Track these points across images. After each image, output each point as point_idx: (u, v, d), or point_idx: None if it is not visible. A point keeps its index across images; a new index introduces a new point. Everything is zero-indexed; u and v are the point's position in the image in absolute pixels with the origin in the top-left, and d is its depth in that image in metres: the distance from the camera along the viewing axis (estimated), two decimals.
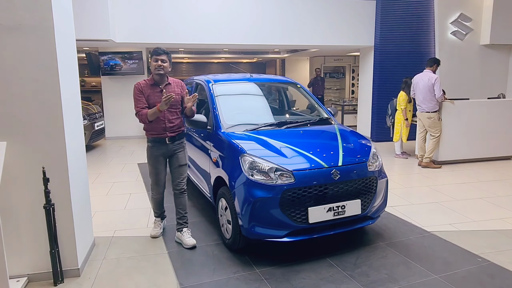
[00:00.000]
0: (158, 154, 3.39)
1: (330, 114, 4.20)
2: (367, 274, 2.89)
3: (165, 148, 3.38)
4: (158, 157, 3.40)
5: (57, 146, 2.69)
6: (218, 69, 16.44)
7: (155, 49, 3.31)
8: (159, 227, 3.66)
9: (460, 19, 7.68)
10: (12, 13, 2.49)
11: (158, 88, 3.33)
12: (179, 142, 3.45)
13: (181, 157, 3.46)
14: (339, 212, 3.02)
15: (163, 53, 3.29)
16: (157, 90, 3.32)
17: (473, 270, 2.95)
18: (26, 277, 2.75)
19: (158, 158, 3.41)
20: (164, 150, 3.38)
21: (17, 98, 2.57)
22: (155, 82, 3.33)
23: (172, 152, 3.41)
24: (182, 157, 3.47)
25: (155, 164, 3.42)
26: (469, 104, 6.46)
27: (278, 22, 8.06)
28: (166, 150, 3.38)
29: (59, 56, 2.64)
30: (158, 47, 3.31)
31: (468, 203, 4.50)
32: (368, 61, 8.98)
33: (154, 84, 3.34)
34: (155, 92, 3.31)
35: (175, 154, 3.43)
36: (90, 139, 7.45)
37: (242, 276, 2.88)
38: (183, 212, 3.49)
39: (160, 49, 3.30)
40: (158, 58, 3.27)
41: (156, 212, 3.68)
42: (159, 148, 3.37)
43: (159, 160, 3.42)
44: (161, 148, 3.37)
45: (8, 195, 2.62)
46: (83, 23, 6.58)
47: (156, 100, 3.28)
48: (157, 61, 3.27)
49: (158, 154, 3.39)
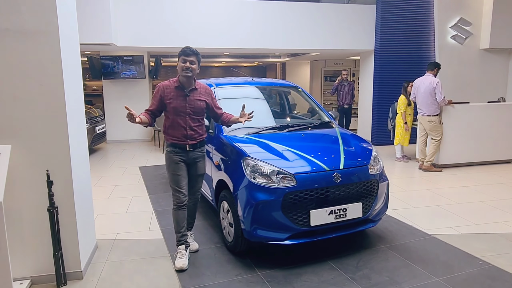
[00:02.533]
0: (178, 159, 3.10)
1: (331, 117, 4.22)
2: (368, 277, 2.90)
3: (185, 155, 3.12)
4: (178, 163, 3.10)
5: (61, 149, 2.71)
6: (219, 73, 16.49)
7: (184, 49, 3.03)
8: (184, 257, 3.09)
9: (460, 23, 7.73)
10: (17, 18, 2.52)
11: (182, 92, 3.06)
12: (200, 150, 3.20)
13: (201, 167, 3.23)
14: (340, 215, 3.03)
15: (192, 53, 3.01)
16: (181, 94, 3.05)
17: (474, 273, 2.96)
18: (29, 280, 2.76)
19: (178, 164, 3.10)
20: (184, 157, 3.12)
21: (22, 101, 2.60)
22: (180, 85, 3.06)
23: (193, 160, 3.16)
24: (202, 166, 3.24)
25: (176, 170, 3.10)
26: (469, 108, 6.48)
27: (279, 26, 8.11)
28: (186, 157, 3.12)
29: (64, 60, 2.67)
30: (187, 47, 3.04)
31: (469, 207, 4.51)
32: (369, 65, 9.02)
33: (179, 87, 3.06)
34: (178, 95, 3.05)
35: (196, 162, 3.18)
36: (91, 142, 7.47)
37: (244, 278, 2.89)
38: (189, 219, 3.34)
39: (189, 48, 3.02)
40: (187, 59, 3.00)
41: (177, 231, 3.16)
42: (179, 154, 3.10)
43: (180, 166, 3.11)
44: (181, 154, 3.11)
45: (13, 197, 2.63)
46: (85, 27, 6.61)
47: (179, 104, 3.03)
48: (185, 62, 2.99)
49: (178, 159, 3.10)
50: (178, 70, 3.06)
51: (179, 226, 3.16)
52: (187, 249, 3.19)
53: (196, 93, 3.11)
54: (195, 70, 3.04)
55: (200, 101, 3.11)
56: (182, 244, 3.17)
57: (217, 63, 15.31)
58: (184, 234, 3.20)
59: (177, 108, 3.03)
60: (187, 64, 3.00)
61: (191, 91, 3.09)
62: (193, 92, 3.09)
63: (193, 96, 3.08)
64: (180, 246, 3.15)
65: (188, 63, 3.00)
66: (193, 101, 3.08)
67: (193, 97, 3.08)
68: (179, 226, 3.16)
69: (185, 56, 3.01)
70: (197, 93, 3.12)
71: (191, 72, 3.02)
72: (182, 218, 3.15)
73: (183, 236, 3.19)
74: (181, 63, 3.01)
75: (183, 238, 3.18)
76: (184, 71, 3.00)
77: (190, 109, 3.07)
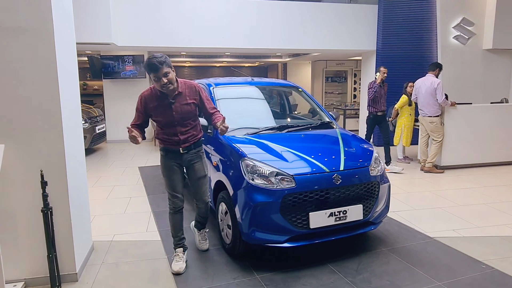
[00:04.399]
0: (172, 163, 2.98)
1: (331, 118, 4.16)
2: (369, 280, 2.84)
3: (179, 158, 2.97)
4: (172, 167, 2.98)
5: (56, 149, 2.66)
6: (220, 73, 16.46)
7: (149, 63, 2.66)
8: (181, 260, 3.02)
9: (463, 23, 7.67)
10: (11, 15, 2.47)
11: (166, 100, 2.82)
12: (195, 152, 3.02)
13: (199, 168, 3.04)
14: (340, 217, 2.98)
15: (160, 66, 2.65)
16: (165, 103, 2.83)
17: (477, 277, 2.90)
18: (23, 282, 2.71)
19: (172, 168, 2.98)
20: (178, 160, 2.98)
21: (16, 100, 2.55)
22: (162, 93, 2.84)
23: (188, 163, 3.00)
24: (200, 168, 3.04)
25: (170, 174, 2.98)
26: (472, 109, 6.42)
27: (280, 26, 8.06)
28: (181, 160, 2.98)
29: (59, 58, 2.62)
30: (152, 59, 2.66)
31: (471, 209, 4.45)
32: (370, 65, 8.96)
33: (162, 95, 2.82)
34: (162, 105, 2.83)
35: (192, 165, 3.02)
36: (91, 142, 7.44)
37: (242, 282, 2.84)
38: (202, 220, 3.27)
39: (154, 62, 2.64)
40: (159, 75, 2.68)
41: (174, 236, 3.11)
42: (173, 157, 2.97)
43: (174, 170, 2.98)
44: (175, 157, 2.97)
45: (6, 198, 2.59)
46: (85, 27, 6.59)
47: (164, 115, 2.84)
48: (159, 79, 2.69)
49: (172, 163, 2.98)
50: (156, 87, 2.79)
51: (175, 230, 3.10)
52: (184, 252, 3.12)
53: (182, 97, 2.86)
54: (172, 79, 2.75)
55: (187, 105, 2.88)
56: (180, 247, 3.10)
57: (218, 63, 15.28)
58: (182, 238, 3.14)
59: (164, 120, 2.85)
60: (162, 80, 2.69)
61: (176, 97, 2.84)
62: (178, 98, 2.85)
63: (178, 102, 2.84)
64: (177, 249, 3.08)
65: (163, 78, 2.69)
66: (179, 107, 2.85)
67: (179, 103, 2.85)
68: (175, 230, 3.10)
69: (155, 73, 2.67)
70: (183, 97, 2.86)
71: (171, 84, 2.75)
72: (179, 221, 3.09)
73: (181, 240, 3.13)
74: (155, 80, 2.71)
75: (181, 241, 3.12)
76: (164, 87, 2.73)
77: (178, 117, 2.86)
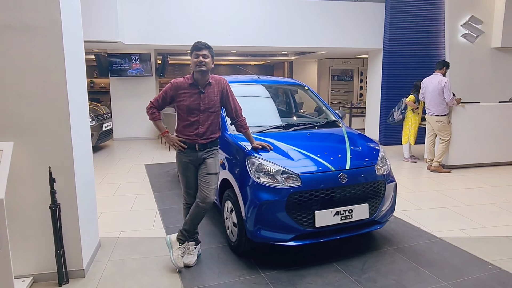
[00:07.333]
0: (187, 161, 3.03)
1: (338, 116, 4.15)
2: (374, 279, 2.84)
3: (194, 155, 3.01)
4: (187, 164, 3.04)
5: (64, 147, 2.69)
6: (226, 71, 16.47)
7: (195, 43, 2.95)
8: (192, 254, 3.08)
9: (471, 21, 7.58)
10: (20, 14, 2.50)
11: (197, 89, 2.97)
12: (210, 150, 3.05)
13: (210, 165, 3.02)
14: (346, 216, 2.97)
15: (204, 47, 2.92)
16: (195, 91, 2.96)
17: (483, 277, 2.88)
18: (31, 277, 2.75)
19: (188, 165, 3.04)
20: (193, 157, 3.02)
21: (24, 98, 2.58)
22: (194, 82, 2.97)
23: (201, 160, 3.03)
24: (212, 164, 3.03)
25: (184, 171, 3.07)
26: (480, 108, 6.36)
27: (286, 24, 8.04)
28: (195, 157, 3.01)
29: (67, 57, 2.65)
30: (199, 41, 2.96)
31: (478, 209, 4.41)
32: (377, 63, 8.91)
33: (193, 84, 2.97)
34: (193, 93, 2.96)
35: (204, 160, 3.03)
36: (98, 139, 7.49)
37: (247, 279, 2.85)
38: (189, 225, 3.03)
39: (200, 43, 2.94)
40: (199, 54, 2.91)
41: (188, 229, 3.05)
42: (188, 155, 3.02)
43: (189, 168, 3.05)
44: (190, 154, 3.02)
45: (15, 194, 2.62)
46: (92, 25, 6.62)
47: (192, 102, 2.95)
48: (198, 57, 2.90)
49: (187, 161, 3.03)
50: (191, 67, 2.97)
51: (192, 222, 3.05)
52: (197, 246, 3.15)
53: (211, 88, 3.01)
54: (209, 64, 2.94)
55: (214, 96, 3.01)
56: (192, 240, 3.12)
57: (225, 61, 15.31)
58: (196, 232, 3.15)
59: (190, 106, 2.95)
60: (200, 59, 2.90)
61: (206, 87, 2.99)
62: (207, 88, 3.00)
63: (207, 92, 2.99)
64: (189, 242, 3.10)
65: (201, 57, 2.91)
66: (207, 97, 2.98)
67: (208, 93, 2.99)
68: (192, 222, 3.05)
69: (197, 51, 2.92)
70: (211, 88, 3.01)
71: (205, 66, 2.92)
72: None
73: (194, 234, 3.14)
74: (194, 58, 2.93)
75: (194, 235, 3.14)
76: (198, 66, 2.90)
77: (204, 106, 2.97)
